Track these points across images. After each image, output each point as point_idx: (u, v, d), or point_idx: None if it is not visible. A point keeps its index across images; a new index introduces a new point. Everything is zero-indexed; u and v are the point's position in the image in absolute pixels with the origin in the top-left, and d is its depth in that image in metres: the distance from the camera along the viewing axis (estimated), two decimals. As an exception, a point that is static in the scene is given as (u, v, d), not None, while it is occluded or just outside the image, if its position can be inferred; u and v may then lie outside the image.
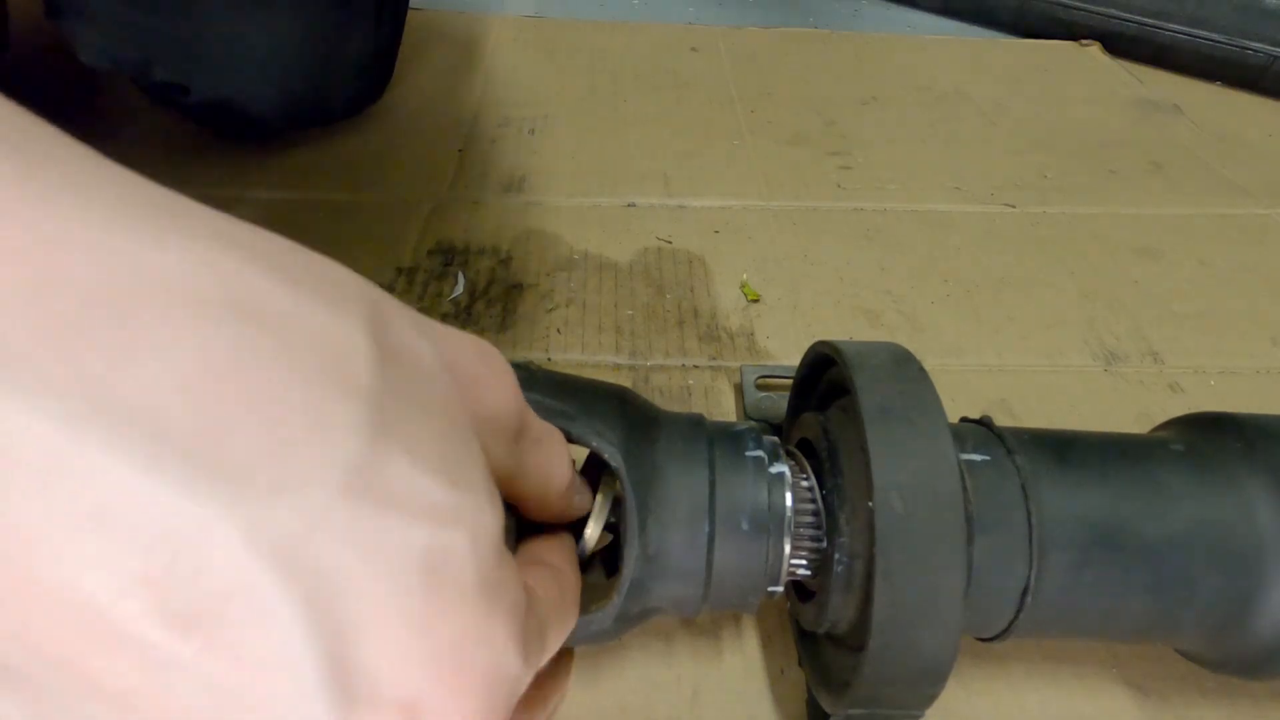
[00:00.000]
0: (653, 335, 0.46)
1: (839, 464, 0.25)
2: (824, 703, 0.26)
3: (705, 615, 0.29)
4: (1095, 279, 0.53)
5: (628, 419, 0.24)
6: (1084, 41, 0.86)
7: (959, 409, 0.42)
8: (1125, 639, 0.29)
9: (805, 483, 0.26)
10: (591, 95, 0.70)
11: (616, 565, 0.24)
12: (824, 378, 0.30)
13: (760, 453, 0.26)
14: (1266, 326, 0.50)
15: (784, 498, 0.25)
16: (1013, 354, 0.46)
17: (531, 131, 0.64)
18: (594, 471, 0.25)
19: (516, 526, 0.21)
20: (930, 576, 0.22)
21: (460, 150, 0.61)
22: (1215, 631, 0.26)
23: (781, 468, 0.25)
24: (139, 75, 0.51)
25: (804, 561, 0.25)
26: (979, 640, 0.27)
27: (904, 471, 0.23)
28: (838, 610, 0.25)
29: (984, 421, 0.28)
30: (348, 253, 0.50)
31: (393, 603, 0.12)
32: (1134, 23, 0.82)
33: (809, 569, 0.26)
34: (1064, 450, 0.27)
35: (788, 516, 0.25)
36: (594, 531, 0.23)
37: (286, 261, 0.12)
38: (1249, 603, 0.25)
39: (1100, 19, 0.84)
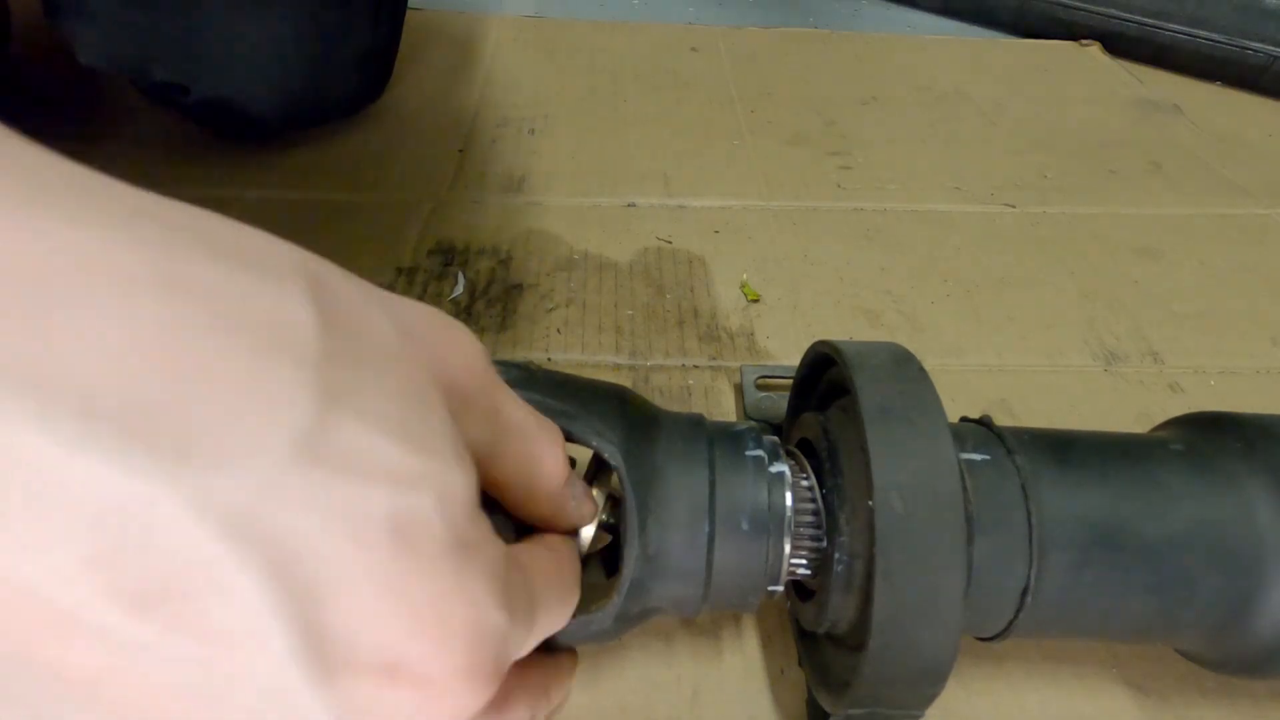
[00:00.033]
0: (653, 335, 0.46)
1: (839, 464, 0.25)
2: (824, 703, 0.26)
3: (705, 615, 0.29)
4: (1095, 279, 0.53)
5: (628, 419, 0.24)
6: (1084, 41, 0.86)
7: (959, 409, 0.42)
8: (1125, 639, 0.29)
9: (805, 482, 0.26)
10: (591, 95, 0.70)
11: (616, 565, 0.24)
12: (824, 378, 0.30)
13: (760, 452, 0.26)
14: (1266, 326, 0.50)
15: (784, 497, 0.25)
16: (1013, 354, 0.46)
17: (531, 131, 0.64)
18: (592, 472, 0.25)
19: (516, 532, 0.21)
20: (930, 576, 0.22)
21: (460, 150, 0.61)
22: (1215, 631, 0.26)
23: (781, 467, 0.25)
24: (138, 75, 0.51)
25: (804, 561, 0.25)
26: (979, 640, 0.27)
27: (904, 471, 0.23)
28: (838, 610, 0.25)
29: (984, 421, 0.28)
30: (348, 253, 0.50)
31: (361, 566, 0.12)
32: (1134, 23, 0.82)
33: (809, 569, 0.26)
34: (1064, 450, 0.27)
35: (788, 516, 0.25)
36: (589, 531, 0.23)
37: (216, 236, 0.12)
38: (1249, 603, 0.25)
39: (1100, 19, 0.84)
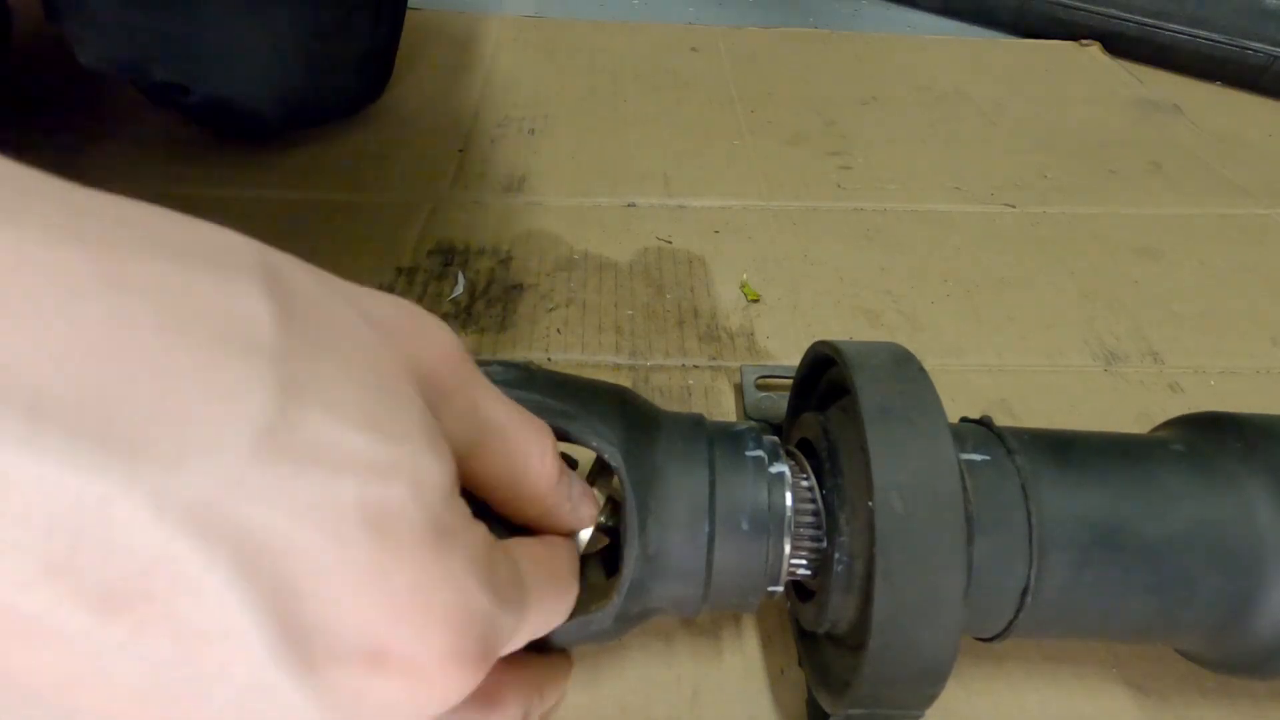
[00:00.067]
0: (653, 335, 0.46)
1: (839, 464, 0.25)
2: (824, 703, 0.26)
3: (705, 615, 0.29)
4: (1095, 279, 0.52)
5: (628, 419, 0.24)
6: (1084, 41, 0.86)
7: (959, 409, 0.42)
8: (1125, 639, 0.29)
9: (805, 483, 0.26)
10: (591, 95, 0.70)
11: (616, 566, 0.24)
12: (824, 378, 0.30)
13: (760, 453, 0.26)
14: (1266, 326, 0.50)
15: (784, 498, 0.25)
16: (1013, 354, 0.46)
17: (531, 131, 0.64)
18: (594, 473, 0.25)
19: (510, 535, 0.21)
20: (930, 576, 0.22)
21: (460, 150, 0.61)
22: (1215, 631, 0.26)
23: (781, 468, 0.25)
24: (139, 76, 0.51)
25: (804, 561, 0.25)
26: (979, 640, 0.27)
27: (904, 471, 0.23)
28: (838, 610, 0.25)
29: (984, 421, 0.28)
30: (348, 253, 0.50)
31: (335, 556, 0.12)
32: (1134, 23, 0.82)
33: (809, 569, 0.26)
34: (1064, 450, 0.27)
35: (788, 516, 0.25)
36: (587, 533, 0.23)
37: (165, 232, 0.12)
38: (1249, 603, 0.25)
39: (1100, 19, 0.84)
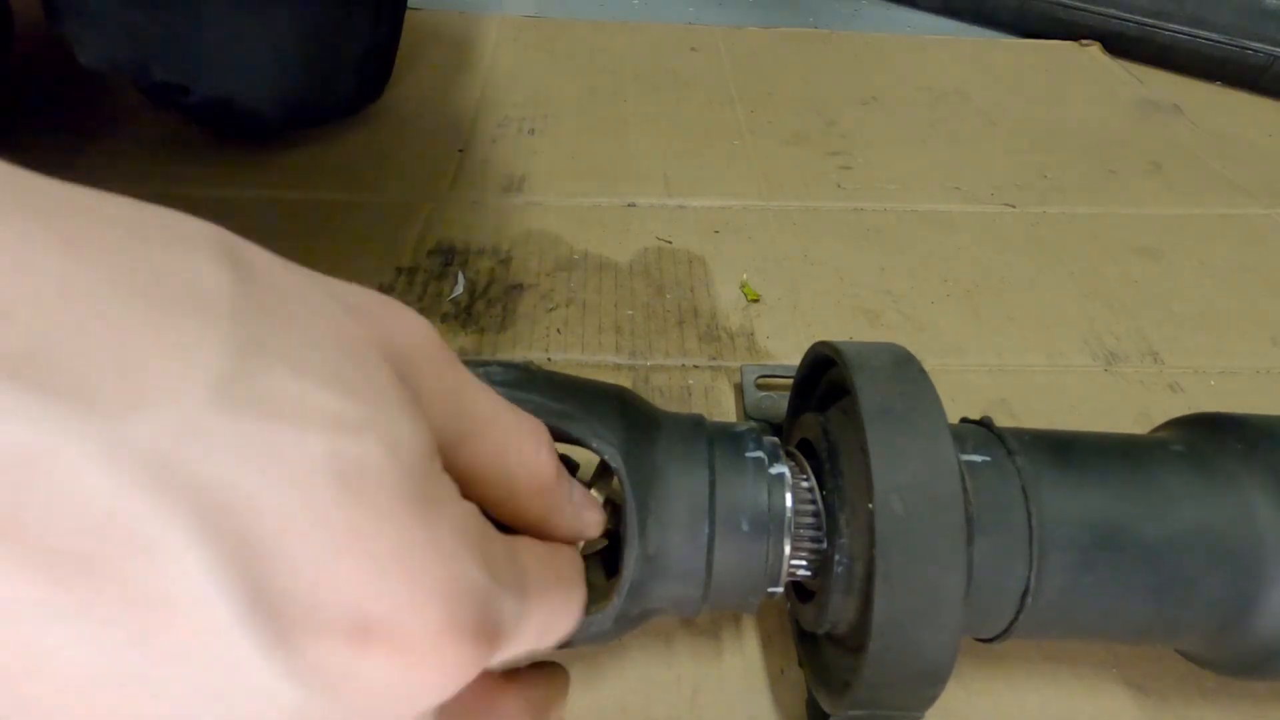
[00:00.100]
0: (653, 335, 0.46)
1: (839, 465, 0.25)
2: (824, 703, 0.26)
3: (705, 615, 0.29)
4: (1095, 279, 0.52)
5: (627, 419, 0.24)
6: (1084, 41, 0.85)
7: (959, 409, 0.42)
8: (1125, 640, 0.29)
9: (805, 483, 0.26)
10: (591, 95, 0.70)
11: (616, 566, 0.24)
12: (824, 378, 0.30)
13: (760, 453, 0.26)
14: (1266, 326, 0.50)
15: (784, 498, 0.25)
16: (1013, 354, 0.46)
17: (531, 131, 0.64)
18: (594, 476, 0.25)
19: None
20: (930, 578, 0.22)
21: (460, 150, 0.61)
22: (1215, 632, 0.26)
23: (781, 468, 0.25)
24: (139, 76, 0.51)
25: (804, 562, 0.25)
26: (979, 641, 0.27)
27: (904, 473, 0.23)
28: (838, 611, 0.25)
29: (984, 422, 0.28)
30: (348, 253, 0.50)
31: (308, 514, 0.11)
32: (1134, 23, 0.82)
33: (809, 570, 0.26)
34: (1064, 451, 0.27)
35: (788, 517, 0.25)
36: None
37: (122, 208, 0.11)
38: (1249, 603, 0.25)
39: (1100, 19, 0.84)
